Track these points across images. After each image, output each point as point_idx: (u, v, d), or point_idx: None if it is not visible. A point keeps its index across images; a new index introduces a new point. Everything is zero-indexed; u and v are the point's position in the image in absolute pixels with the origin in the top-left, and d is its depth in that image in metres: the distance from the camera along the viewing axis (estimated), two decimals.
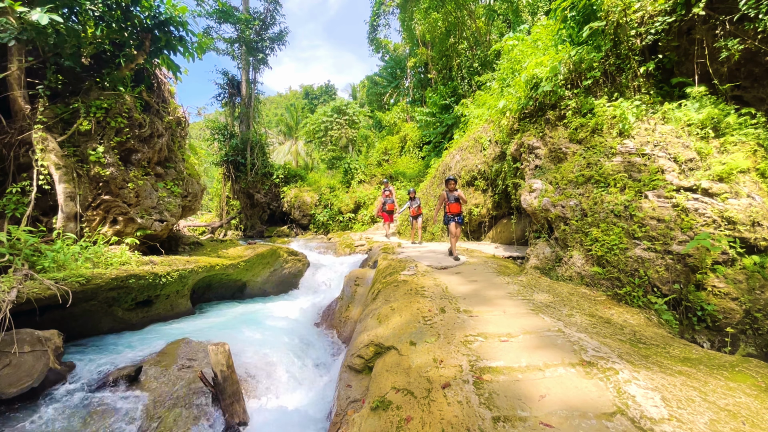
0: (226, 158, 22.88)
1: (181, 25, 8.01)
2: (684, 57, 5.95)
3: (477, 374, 2.98)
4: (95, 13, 7.10)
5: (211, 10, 22.01)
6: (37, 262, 5.60)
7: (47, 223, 6.88)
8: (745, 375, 3.08)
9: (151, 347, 5.54)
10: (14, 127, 6.75)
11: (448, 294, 5.10)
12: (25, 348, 4.34)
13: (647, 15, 6.18)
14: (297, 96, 56.09)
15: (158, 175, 8.74)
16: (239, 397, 4.30)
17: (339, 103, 28.27)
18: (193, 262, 7.92)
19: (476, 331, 3.81)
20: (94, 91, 7.49)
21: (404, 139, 25.71)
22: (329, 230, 21.39)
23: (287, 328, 6.79)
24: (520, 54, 9.51)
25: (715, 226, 4.68)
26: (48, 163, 6.65)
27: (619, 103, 6.14)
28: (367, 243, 13.38)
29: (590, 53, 6.70)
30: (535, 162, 7.38)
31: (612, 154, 5.89)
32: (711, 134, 5.30)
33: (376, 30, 28.53)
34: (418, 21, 20.57)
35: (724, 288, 4.47)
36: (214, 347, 4.27)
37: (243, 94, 24.05)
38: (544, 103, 7.39)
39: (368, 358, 3.98)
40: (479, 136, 11.56)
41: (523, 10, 17.80)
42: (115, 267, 6.38)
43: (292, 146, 34.66)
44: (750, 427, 2.35)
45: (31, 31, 6.00)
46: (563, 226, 6.15)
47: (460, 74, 20.38)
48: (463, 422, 2.48)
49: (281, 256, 10.37)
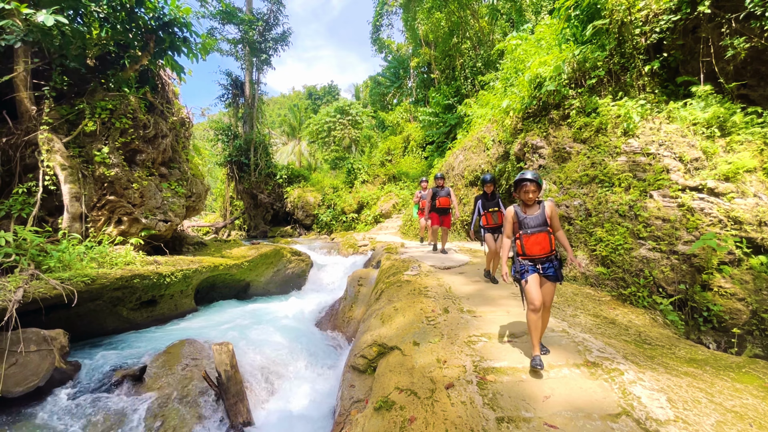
0: (230, 159, 22.95)
1: (185, 26, 8.05)
2: (689, 55, 5.91)
3: (481, 375, 2.97)
4: (100, 15, 7.15)
5: (215, 11, 22.10)
6: (42, 262, 5.65)
7: (53, 223, 6.93)
8: (752, 376, 3.05)
9: (156, 347, 5.56)
10: (20, 128, 6.81)
11: (451, 294, 5.09)
12: (31, 347, 4.38)
13: (652, 13, 6.13)
14: (300, 96, 56.16)
15: (162, 176, 8.78)
16: (243, 396, 4.31)
17: (342, 103, 28.29)
18: (197, 262, 7.96)
19: (480, 331, 3.80)
20: (99, 92, 7.54)
21: (407, 139, 25.68)
22: (332, 230, 21.41)
23: (291, 328, 6.80)
24: (524, 53, 9.48)
25: (721, 226, 4.64)
26: (53, 164, 6.71)
27: (623, 102, 6.10)
28: (370, 243, 13.38)
29: (594, 52, 6.66)
30: (539, 162, 7.35)
31: (616, 154, 5.85)
32: (717, 133, 5.25)
33: (379, 30, 28.49)
34: (421, 21, 20.55)
35: (731, 288, 4.42)
36: (217, 347, 4.29)
37: (246, 94, 24.12)
38: (548, 102, 7.36)
39: (371, 359, 3.98)
40: (483, 136, 11.52)
41: (527, 9, 17.72)
42: (120, 267, 6.42)
43: (296, 147, 34.72)
44: (757, 428, 2.32)
45: (37, 33, 6.05)
46: (567, 226, 6.11)
47: (463, 74, 20.32)
48: (466, 423, 2.47)
49: (285, 256, 10.38)
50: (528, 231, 3.21)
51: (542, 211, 3.23)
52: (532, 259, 3.20)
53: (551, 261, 3.20)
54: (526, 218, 3.24)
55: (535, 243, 3.17)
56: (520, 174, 3.27)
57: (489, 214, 5.51)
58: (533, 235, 3.18)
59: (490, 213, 5.50)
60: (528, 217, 3.24)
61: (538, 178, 3.24)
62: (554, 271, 3.19)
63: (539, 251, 3.17)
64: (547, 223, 3.20)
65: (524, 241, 3.21)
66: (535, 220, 3.21)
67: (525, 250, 3.22)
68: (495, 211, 5.48)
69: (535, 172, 3.81)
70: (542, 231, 3.18)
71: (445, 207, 7.59)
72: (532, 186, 3.20)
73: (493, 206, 5.50)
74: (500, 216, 5.43)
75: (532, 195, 3.22)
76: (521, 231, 3.26)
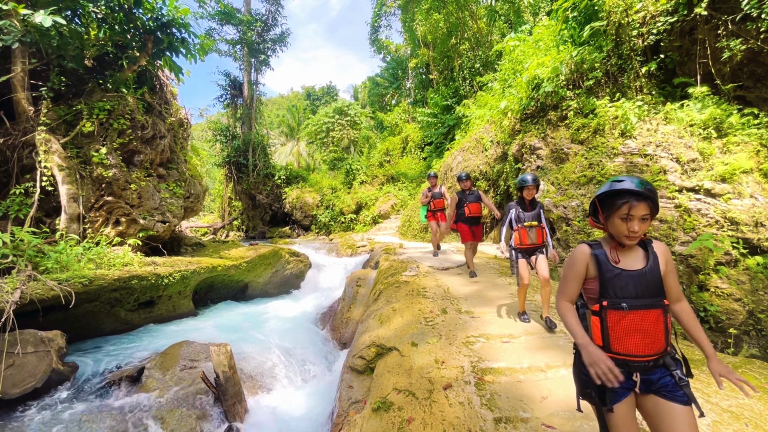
0: (228, 159, 22.93)
1: (183, 26, 8.04)
2: (686, 57, 5.94)
3: (479, 375, 2.98)
4: (98, 15, 7.14)
5: (213, 11, 22.09)
6: (40, 263, 5.63)
7: (50, 224, 6.91)
8: (749, 376, 3.06)
9: (154, 348, 5.55)
10: (18, 128, 6.79)
11: (449, 295, 5.10)
12: (29, 349, 4.36)
13: (649, 15, 6.16)
14: (299, 97, 56.13)
15: (161, 177, 8.77)
16: (241, 397, 4.30)
17: (341, 104, 28.31)
18: (195, 263, 7.94)
19: (478, 332, 3.80)
20: (96, 92, 7.53)
21: (406, 139, 25.70)
22: (331, 231, 21.40)
23: (289, 329, 6.79)
24: (522, 54, 9.50)
25: (717, 227, 4.66)
26: (51, 165, 6.69)
27: (621, 104, 6.12)
28: (368, 244, 13.39)
29: (592, 53, 6.69)
30: (537, 163, 7.37)
31: (614, 155, 5.88)
32: (713, 134, 5.28)
33: (378, 31, 28.54)
34: (420, 22, 20.58)
35: (727, 289, 4.44)
36: (216, 348, 4.28)
37: (245, 95, 24.10)
38: (546, 103, 7.38)
39: (370, 359, 3.98)
40: (481, 137, 11.55)
41: (525, 10, 17.78)
42: (118, 268, 6.41)
43: (294, 147, 34.70)
44: (753, 428, 2.34)
45: (35, 34, 6.04)
46: (565, 226, 6.13)
47: (461, 75, 20.36)
48: (464, 423, 2.47)
49: (283, 256, 10.37)
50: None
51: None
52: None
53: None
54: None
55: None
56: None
57: (524, 231, 4.01)
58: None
59: (526, 228, 4.01)
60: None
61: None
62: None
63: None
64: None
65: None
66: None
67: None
68: (533, 227, 4.02)
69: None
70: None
71: (476, 216, 6.07)
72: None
73: (533, 219, 4.03)
74: (541, 233, 4.03)
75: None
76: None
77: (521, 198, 4.10)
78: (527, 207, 4.07)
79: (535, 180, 3.96)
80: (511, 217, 4.13)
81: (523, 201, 4.08)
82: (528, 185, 3.96)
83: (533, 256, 4.09)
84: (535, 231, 4.01)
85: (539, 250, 4.08)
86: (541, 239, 4.03)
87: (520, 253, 4.10)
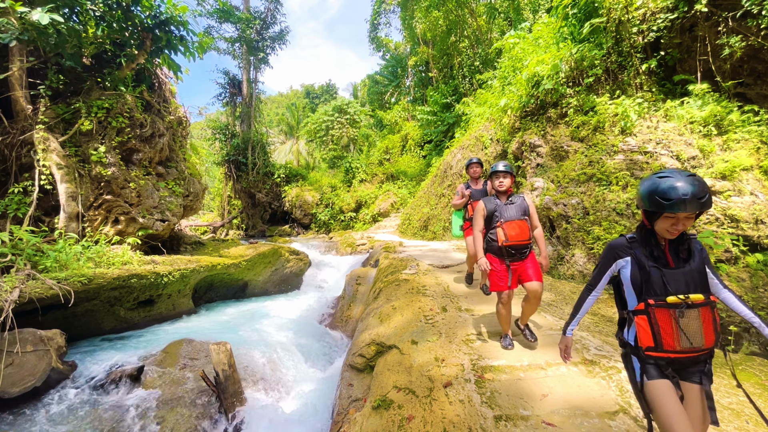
0: (228, 158, 22.90)
1: (181, 24, 8.00)
2: (686, 54, 5.92)
3: (479, 373, 2.97)
4: (96, 13, 7.10)
5: (212, 9, 22.03)
6: (39, 262, 5.62)
7: (49, 223, 6.89)
8: (749, 374, 3.06)
9: (153, 347, 5.54)
10: (16, 127, 6.76)
11: (449, 293, 5.09)
12: (28, 347, 4.35)
13: (649, 12, 6.14)
14: (298, 95, 55.99)
15: (160, 175, 8.75)
16: (241, 396, 4.31)
17: (340, 102, 28.23)
18: (194, 261, 7.93)
19: (478, 329, 3.80)
20: (95, 91, 7.49)
21: (405, 138, 25.69)
22: (331, 229, 21.40)
23: (289, 327, 6.79)
24: (522, 52, 9.47)
25: (718, 224, 4.66)
26: (50, 163, 6.66)
27: (621, 101, 6.10)
28: (368, 242, 13.39)
29: (592, 51, 6.66)
30: (537, 160, 7.35)
31: (614, 152, 5.87)
32: (714, 132, 5.27)
33: (377, 28, 28.47)
34: (419, 19, 20.52)
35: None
36: (215, 346, 4.28)
37: (244, 93, 24.05)
38: (546, 101, 7.36)
39: (370, 357, 3.98)
40: (480, 135, 11.53)
41: (525, 7, 17.72)
42: (117, 266, 6.40)
43: (294, 145, 34.63)
44: (754, 425, 2.34)
45: (32, 32, 6.00)
46: (565, 224, 6.13)
47: (461, 73, 20.33)
48: (464, 421, 2.47)
49: (283, 255, 10.37)
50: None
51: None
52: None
53: None
54: None
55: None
56: None
57: None
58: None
59: None
60: None
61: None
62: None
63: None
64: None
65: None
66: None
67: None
68: None
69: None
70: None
71: (523, 243, 3.28)
72: None
73: None
74: None
75: None
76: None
77: None
78: None
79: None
80: None
81: None
82: None
83: None
84: None
85: None
86: None
87: None
